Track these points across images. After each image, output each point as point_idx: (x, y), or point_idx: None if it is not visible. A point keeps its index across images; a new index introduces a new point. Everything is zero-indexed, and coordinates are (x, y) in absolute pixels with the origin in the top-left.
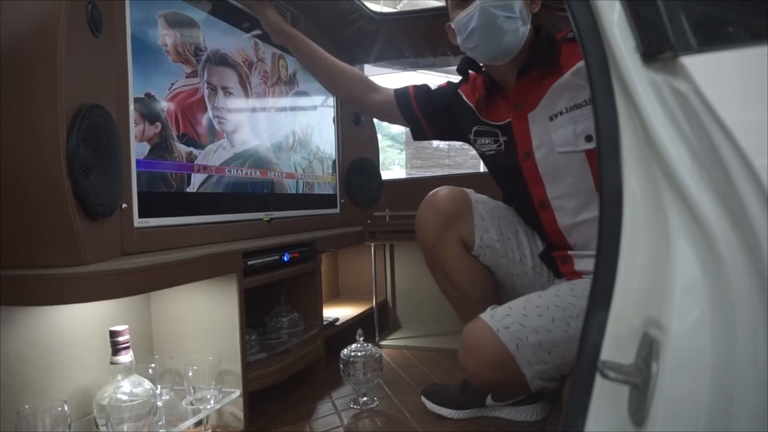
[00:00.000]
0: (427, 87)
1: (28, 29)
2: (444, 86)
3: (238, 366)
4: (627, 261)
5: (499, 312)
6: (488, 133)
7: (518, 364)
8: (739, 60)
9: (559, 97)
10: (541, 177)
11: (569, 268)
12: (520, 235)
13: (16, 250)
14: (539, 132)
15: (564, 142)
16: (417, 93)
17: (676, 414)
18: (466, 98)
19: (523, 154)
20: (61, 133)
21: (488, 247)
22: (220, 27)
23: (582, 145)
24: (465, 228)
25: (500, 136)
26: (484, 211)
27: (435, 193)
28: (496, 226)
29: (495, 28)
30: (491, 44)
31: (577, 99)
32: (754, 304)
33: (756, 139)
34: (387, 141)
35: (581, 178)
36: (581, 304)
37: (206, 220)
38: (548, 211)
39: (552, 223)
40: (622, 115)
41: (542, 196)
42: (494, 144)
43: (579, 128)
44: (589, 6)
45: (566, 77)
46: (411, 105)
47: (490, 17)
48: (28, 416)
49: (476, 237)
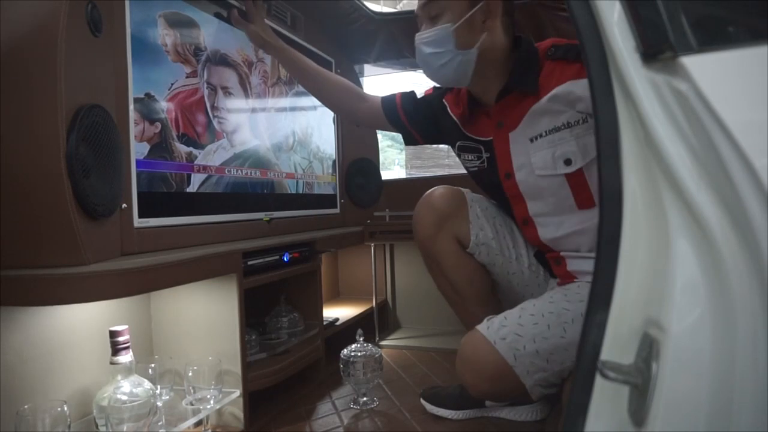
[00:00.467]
0: (413, 96)
1: (28, 29)
2: (429, 93)
3: (238, 366)
4: (627, 261)
5: (495, 323)
6: (471, 149)
7: (517, 374)
8: (739, 60)
9: (538, 120)
10: (523, 196)
11: (562, 269)
12: (516, 234)
13: (16, 250)
14: (519, 153)
15: (543, 165)
16: (404, 103)
17: (676, 414)
18: (450, 110)
19: (504, 174)
20: (61, 133)
21: (483, 245)
22: (220, 27)
23: (561, 169)
24: (460, 226)
25: (483, 152)
26: (479, 209)
27: (431, 192)
28: (492, 225)
29: (428, 63)
30: (434, 76)
31: (556, 122)
32: (754, 304)
33: (756, 139)
34: (387, 141)
35: (563, 198)
36: (576, 309)
37: (206, 220)
38: (531, 227)
39: (535, 237)
40: (622, 115)
41: (524, 214)
42: (477, 160)
43: (558, 152)
44: (589, 6)
45: (543, 102)
46: (399, 115)
47: (423, 54)
48: (28, 416)
49: (471, 234)
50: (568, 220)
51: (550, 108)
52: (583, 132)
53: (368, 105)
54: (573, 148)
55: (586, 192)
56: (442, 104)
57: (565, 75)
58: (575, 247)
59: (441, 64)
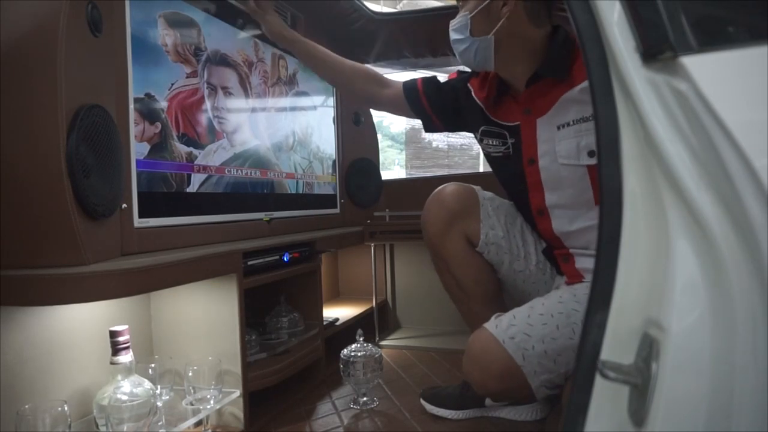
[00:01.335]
0: (436, 81)
1: (28, 29)
2: (454, 78)
3: (238, 366)
4: (627, 261)
5: (503, 321)
6: (496, 134)
7: (525, 374)
8: (739, 60)
9: (568, 108)
10: (543, 184)
11: (570, 267)
12: (525, 232)
13: (16, 250)
14: (545, 140)
15: (567, 154)
16: (426, 88)
17: (676, 414)
18: (475, 94)
19: (528, 160)
20: (61, 133)
21: (493, 245)
22: (220, 27)
23: (584, 160)
24: (471, 224)
25: (508, 138)
26: (491, 208)
27: (442, 188)
28: (502, 223)
29: (455, 49)
30: (461, 60)
31: (585, 113)
32: (754, 304)
33: (756, 139)
34: (387, 141)
35: (582, 190)
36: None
37: (206, 220)
38: (545, 218)
39: (548, 230)
40: (622, 115)
41: (540, 203)
42: (502, 146)
43: (583, 142)
44: (589, 6)
45: (575, 92)
46: (420, 101)
47: (453, 42)
48: (28, 416)
49: (482, 234)
50: (584, 215)
51: (581, 98)
52: None
53: (389, 91)
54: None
55: None
56: (467, 88)
57: None
58: (585, 245)
59: (463, 49)
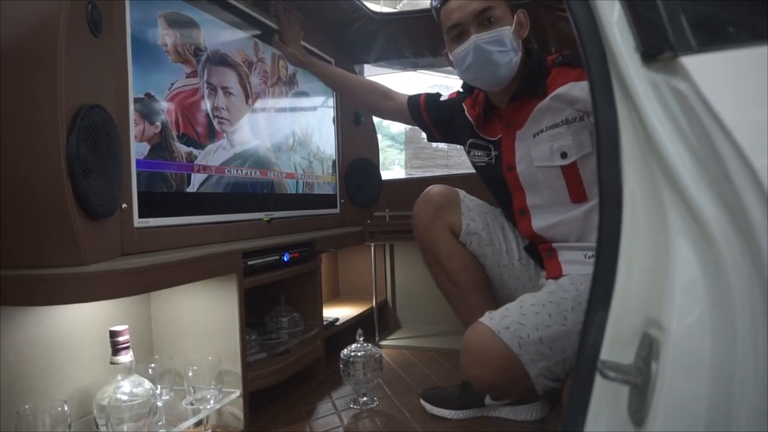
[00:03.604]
0: (437, 97)
1: (28, 29)
2: (453, 97)
3: (238, 366)
4: (627, 261)
5: (497, 314)
6: (482, 146)
7: (522, 363)
8: (739, 60)
9: (541, 117)
10: (522, 187)
11: (554, 261)
12: (507, 229)
13: (17, 250)
14: (523, 148)
15: (541, 157)
16: (427, 105)
17: (676, 414)
18: (467, 112)
19: (507, 167)
20: (61, 133)
21: (474, 234)
22: (220, 27)
23: (557, 161)
24: (453, 216)
25: (492, 150)
26: (471, 204)
27: (428, 189)
28: (482, 218)
29: (490, 62)
30: (487, 76)
31: (556, 119)
32: (754, 304)
33: (756, 139)
34: (387, 141)
35: (558, 190)
36: (574, 297)
37: (206, 220)
38: (526, 217)
39: (528, 228)
40: (621, 115)
41: (522, 204)
42: (486, 157)
43: (556, 145)
44: (589, 6)
45: (546, 101)
46: (422, 115)
47: (485, 53)
48: (28, 416)
49: (463, 224)
50: (560, 211)
51: (552, 106)
52: (580, 128)
53: (394, 103)
54: (569, 142)
55: (579, 186)
56: (461, 107)
57: (568, 77)
58: (565, 237)
59: (504, 61)
